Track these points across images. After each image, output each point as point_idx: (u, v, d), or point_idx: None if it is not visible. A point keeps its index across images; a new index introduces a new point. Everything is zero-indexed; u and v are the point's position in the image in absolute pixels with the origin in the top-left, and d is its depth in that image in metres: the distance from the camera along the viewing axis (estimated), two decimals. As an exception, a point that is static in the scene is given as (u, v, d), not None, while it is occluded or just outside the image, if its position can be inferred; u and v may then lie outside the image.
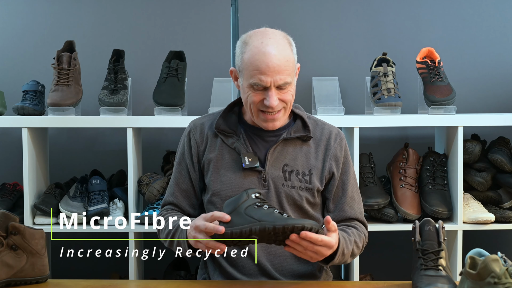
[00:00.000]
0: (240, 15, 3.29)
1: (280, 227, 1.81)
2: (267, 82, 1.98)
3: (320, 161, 2.13)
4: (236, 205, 1.88)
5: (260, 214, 1.84)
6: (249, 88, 2.03)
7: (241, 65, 2.04)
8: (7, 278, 1.93)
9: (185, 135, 2.22)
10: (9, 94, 3.15)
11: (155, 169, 3.20)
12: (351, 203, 2.15)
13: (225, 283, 2.06)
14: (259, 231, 1.82)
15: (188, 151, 2.19)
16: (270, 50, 1.98)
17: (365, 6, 3.37)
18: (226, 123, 2.15)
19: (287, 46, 2.03)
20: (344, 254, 2.00)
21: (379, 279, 2.86)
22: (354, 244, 2.06)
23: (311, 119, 2.19)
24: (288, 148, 2.12)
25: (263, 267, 2.10)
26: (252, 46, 2.01)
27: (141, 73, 3.29)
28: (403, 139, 3.31)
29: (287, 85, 2.01)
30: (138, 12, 3.39)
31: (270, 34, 2.03)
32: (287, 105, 2.05)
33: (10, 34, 3.37)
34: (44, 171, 3.09)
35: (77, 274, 3.23)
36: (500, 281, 1.63)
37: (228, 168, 2.10)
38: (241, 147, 2.11)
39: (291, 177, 2.10)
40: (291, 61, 2.02)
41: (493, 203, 3.03)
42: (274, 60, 1.97)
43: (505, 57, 3.37)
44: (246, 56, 2.01)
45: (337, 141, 2.16)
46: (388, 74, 2.98)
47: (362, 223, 2.17)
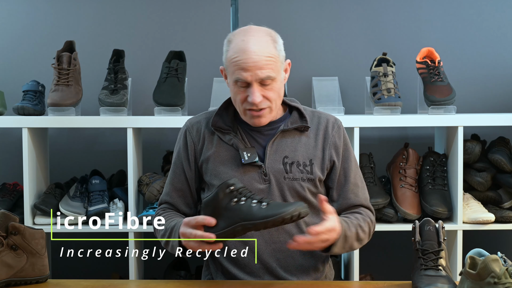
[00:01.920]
0: (240, 15, 3.30)
1: (270, 221, 1.80)
2: (247, 77, 2.00)
3: (320, 150, 2.13)
4: (215, 205, 1.88)
5: (238, 213, 1.84)
6: (234, 85, 2.05)
7: (225, 63, 2.07)
8: (7, 278, 1.93)
9: (181, 134, 2.22)
10: (9, 94, 3.15)
11: (155, 169, 3.20)
12: (355, 189, 2.15)
13: (224, 283, 2.06)
14: (242, 230, 1.83)
15: (184, 150, 2.19)
16: (250, 47, 2.00)
17: (365, 6, 3.37)
18: (223, 120, 2.15)
19: (269, 42, 2.03)
20: (347, 236, 2.00)
21: (379, 279, 2.86)
22: (359, 228, 2.05)
23: (307, 110, 2.19)
24: (286, 140, 2.12)
25: (266, 265, 2.09)
26: (234, 44, 2.03)
27: (141, 73, 3.29)
28: (403, 139, 3.31)
29: (270, 81, 2.01)
30: (138, 12, 3.39)
31: (252, 31, 2.05)
32: (271, 103, 2.05)
33: (10, 34, 3.37)
34: (44, 171, 3.09)
35: (77, 274, 3.23)
36: (500, 281, 1.64)
37: (227, 165, 2.10)
38: (239, 142, 2.11)
39: (292, 169, 2.09)
40: (274, 57, 2.02)
41: (493, 203, 3.03)
42: (254, 56, 1.99)
43: (505, 57, 3.37)
44: (229, 54, 2.04)
45: (335, 129, 2.16)
46: (388, 74, 2.98)
47: (368, 208, 2.17)
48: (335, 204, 2.14)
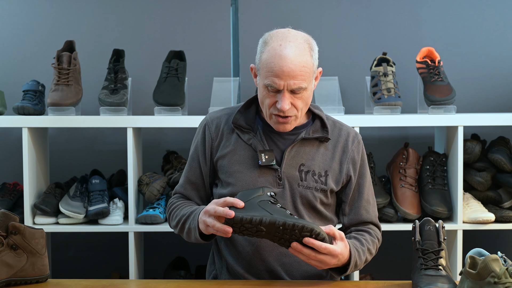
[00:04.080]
0: (240, 15, 3.30)
1: (290, 223, 1.82)
2: (280, 85, 1.98)
3: (337, 163, 2.13)
4: (250, 197, 1.90)
5: (272, 209, 1.87)
6: (264, 89, 2.02)
7: (259, 64, 2.04)
8: (7, 278, 1.93)
9: (201, 128, 2.20)
10: (9, 94, 3.15)
11: (155, 169, 3.20)
12: (367, 206, 2.16)
13: (224, 283, 2.06)
14: (269, 223, 1.83)
15: (201, 144, 2.18)
16: (287, 54, 1.97)
17: (365, 6, 3.37)
18: (244, 119, 2.13)
19: (306, 50, 2.00)
20: (357, 265, 2.02)
21: (379, 279, 2.86)
22: (368, 252, 2.08)
23: (330, 119, 2.18)
24: (305, 148, 2.11)
25: (271, 268, 2.09)
26: (271, 47, 2.00)
27: (141, 73, 3.29)
28: (403, 139, 3.31)
29: (301, 90, 2.00)
30: (138, 12, 3.39)
31: (290, 36, 2.01)
32: (298, 112, 2.04)
33: (10, 34, 3.37)
34: (44, 171, 3.09)
35: (77, 274, 3.24)
36: (500, 280, 1.64)
37: (243, 165, 2.10)
38: (257, 143, 2.10)
39: (307, 178, 2.09)
40: (309, 66, 2.00)
41: (493, 203, 3.03)
42: (289, 64, 1.96)
43: (505, 57, 3.37)
44: (264, 56, 2.01)
45: (355, 144, 2.16)
46: (388, 74, 2.98)
47: (376, 225, 2.19)
48: (346, 218, 2.16)
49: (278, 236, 1.87)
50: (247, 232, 1.88)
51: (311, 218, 2.10)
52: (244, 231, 1.87)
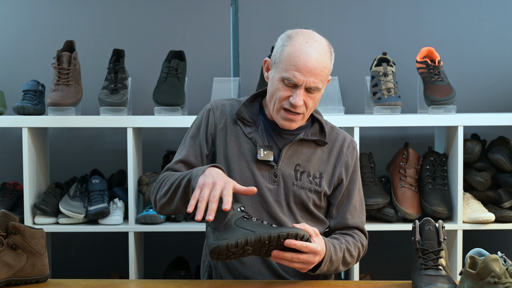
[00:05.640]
0: (240, 15, 3.30)
1: (275, 235, 1.80)
2: (299, 80, 2.00)
3: (331, 166, 2.15)
4: (224, 219, 1.84)
5: (251, 225, 1.83)
6: (280, 82, 2.04)
7: (279, 57, 2.05)
8: (7, 278, 1.93)
9: (205, 111, 2.19)
10: (9, 94, 3.15)
11: (155, 169, 3.20)
12: (353, 211, 2.17)
13: (224, 282, 2.06)
14: (254, 241, 1.80)
15: (204, 127, 2.16)
16: (312, 51, 2.01)
17: (365, 6, 3.37)
18: (248, 112, 2.15)
19: (328, 53, 2.06)
20: (332, 261, 1.99)
21: (379, 279, 2.87)
22: (346, 252, 2.06)
23: (328, 124, 2.22)
24: (302, 148, 2.14)
25: (270, 265, 2.10)
26: (296, 42, 2.03)
27: (141, 73, 3.29)
28: (403, 139, 3.31)
29: (316, 91, 2.04)
30: (138, 12, 3.39)
31: (316, 37, 2.07)
32: (307, 110, 2.07)
33: (10, 34, 3.37)
34: (44, 170, 3.09)
35: (77, 274, 3.24)
36: (500, 280, 1.64)
37: (241, 157, 2.11)
38: (258, 138, 2.12)
39: (302, 178, 2.11)
40: (328, 68, 2.05)
41: (493, 202, 3.03)
42: (313, 61, 2.00)
43: (505, 57, 3.37)
44: (287, 50, 2.03)
45: (350, 149, 2.19)
46: (388, 74, 2.98)
47: (361, 231, 2.18)
48: (332, 221, 2.17)
49: (264, 250, 1.85)
50: (233, 256, 1.83)
51: (304, 219, 2.11)
52: (231, 256, 1.83)
